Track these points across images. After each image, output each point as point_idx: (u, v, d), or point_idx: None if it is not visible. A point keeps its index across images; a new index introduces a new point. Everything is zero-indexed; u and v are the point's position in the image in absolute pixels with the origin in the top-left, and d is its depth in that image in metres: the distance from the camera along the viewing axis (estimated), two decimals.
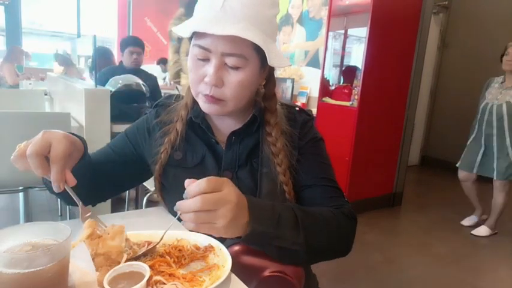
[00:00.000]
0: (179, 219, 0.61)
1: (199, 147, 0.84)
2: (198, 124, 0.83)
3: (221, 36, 0.67)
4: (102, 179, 0.85)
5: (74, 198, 0.67)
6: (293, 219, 0.69)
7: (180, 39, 6.75)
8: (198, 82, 0.74)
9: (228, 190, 0.60)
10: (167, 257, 0.63)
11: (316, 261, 0.77)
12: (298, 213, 0.70)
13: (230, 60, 0.70)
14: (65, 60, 3.38)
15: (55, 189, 0.64)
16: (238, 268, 0.64)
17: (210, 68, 0.71)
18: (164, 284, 0.57)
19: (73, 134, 0.72)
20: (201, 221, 0.58)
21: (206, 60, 0.72)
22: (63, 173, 0.65)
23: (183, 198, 0.59)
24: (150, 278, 0.57)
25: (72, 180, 0.66)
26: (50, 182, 0.66)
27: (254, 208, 0.64)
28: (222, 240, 0.71)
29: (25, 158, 0.63)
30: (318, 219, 0.73)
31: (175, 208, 0.59)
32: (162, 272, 0.60)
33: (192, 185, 0.58)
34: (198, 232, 0.61)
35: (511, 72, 2.76)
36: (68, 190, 0.67)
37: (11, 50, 4.90)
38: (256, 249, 0.70)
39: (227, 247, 0.68)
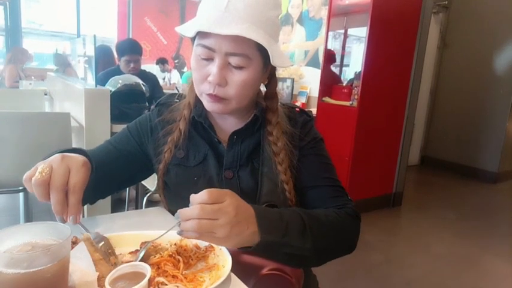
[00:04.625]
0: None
1: (202, 146, 0.84)
2: (200, 123, 0.83)
3: (225, 36, 0.67)
4: (104, 179, 0.83)
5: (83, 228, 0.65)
6: (301, 226, 0.69)
7: None
8: (202, 81, 0.74)
9: (229, 202, 0.60)
10: (178, 257, 0.64)
11: (324, 262, 0.78)
12: (305, 219, 0.71)
13: (234, 60, 0.71)
14: (62, 61, 3.37)
15: (71, 222, 0.60)
16: (237, 266, 0.64)
17: (213, 68, 0.71)
18: (166, 285, 0.57)
19: (80, 149, 0.70)
20: (202, 230, 0.58)
21: (210, 59, 0.72)
22: (81, 205, 0.62)
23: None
24: (153, 278, 0.57)
25: (80, 216, 0.62)
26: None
27: (262, 218, 0.65)
28: None
29: (45, 186, 0.59)
30: (324, 223, 0.74)
31: (175, 216, 0.59)
32: (166, 272, 0.60)
33: (195, 195, 0.59)
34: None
35: None
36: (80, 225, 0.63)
37: (14, 52, 4.84)
38: None
39: None
